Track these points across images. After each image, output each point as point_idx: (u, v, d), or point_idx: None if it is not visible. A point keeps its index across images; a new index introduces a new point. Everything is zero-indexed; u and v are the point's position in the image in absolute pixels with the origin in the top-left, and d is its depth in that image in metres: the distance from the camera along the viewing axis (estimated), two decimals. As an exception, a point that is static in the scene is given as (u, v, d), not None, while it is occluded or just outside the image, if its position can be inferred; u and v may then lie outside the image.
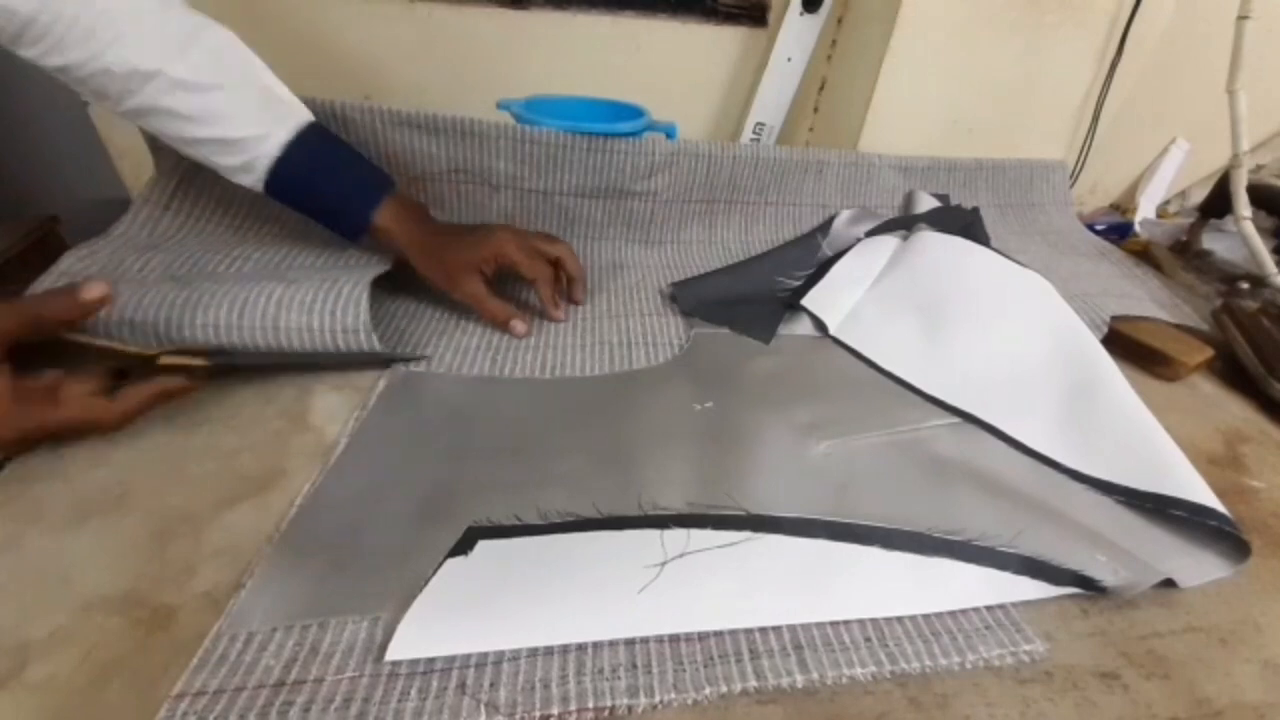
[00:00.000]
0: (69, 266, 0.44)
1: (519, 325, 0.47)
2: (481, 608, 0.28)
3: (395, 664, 0.26)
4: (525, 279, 0.48)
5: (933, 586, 0.32)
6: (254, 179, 0.43)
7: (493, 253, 0.46)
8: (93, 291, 0.34)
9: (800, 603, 0.30)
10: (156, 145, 0.50)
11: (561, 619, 0.28)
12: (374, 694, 0.25)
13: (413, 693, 0.25)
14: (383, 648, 0.26)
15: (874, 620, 0.30)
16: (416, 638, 0.27)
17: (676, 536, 0.33)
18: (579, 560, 0.31)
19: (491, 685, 0.25)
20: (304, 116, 0.44)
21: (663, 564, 0.31)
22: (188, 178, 0.51)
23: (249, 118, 0.42)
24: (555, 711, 0.25)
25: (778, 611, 0.30)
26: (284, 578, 0.29)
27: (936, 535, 0.34)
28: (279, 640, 0.27)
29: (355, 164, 0.46)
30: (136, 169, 0.63)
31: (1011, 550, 0.34)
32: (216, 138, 0.41)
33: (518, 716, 0.25)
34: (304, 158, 0.43)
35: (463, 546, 0.31)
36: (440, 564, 0.30)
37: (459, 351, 0.46)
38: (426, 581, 0.29)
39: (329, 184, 0.45)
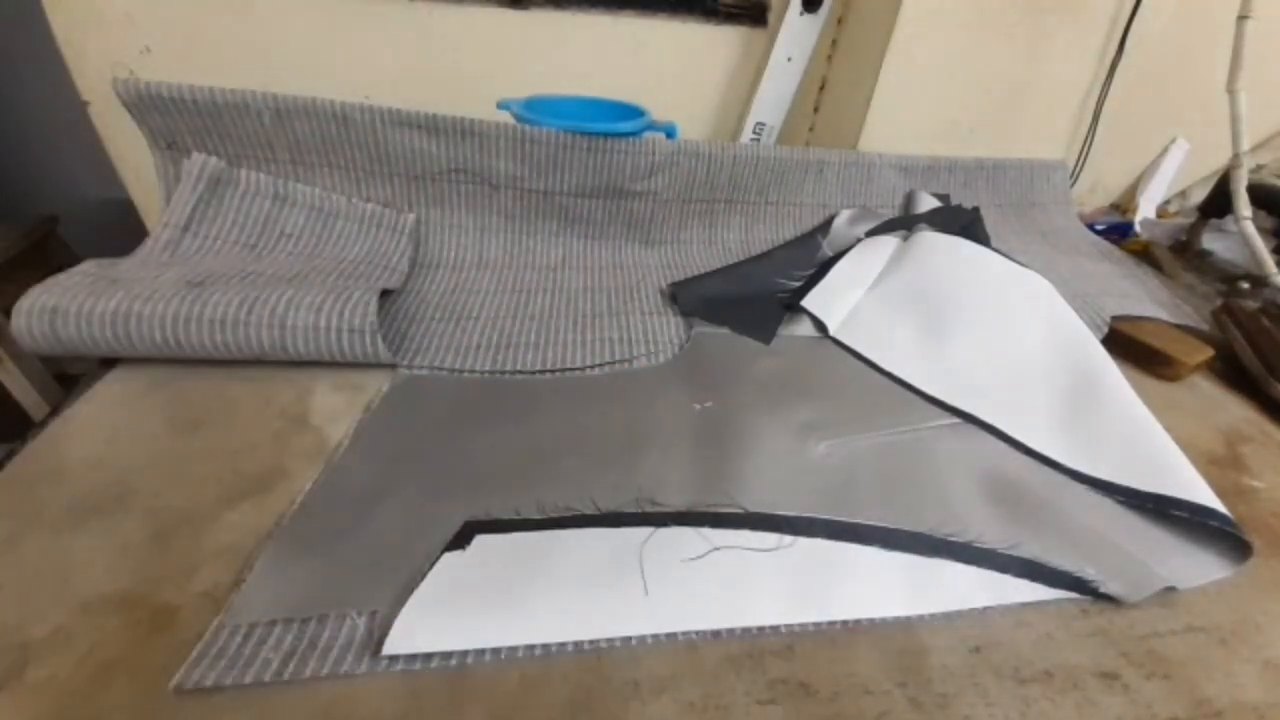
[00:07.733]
0: (88, 269, 0.44)
1: None
2: (477, 602, 0.29)
3: (391, 659, 0.26)
4: None
5: (931, 587, 0.32)
6: None
7: None
8: None
9: (797, 604, 0.30)
10: (160, 152, 0.50)
11: (557, 615, 0.28)
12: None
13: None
14: (380, 643, 0.27)
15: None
16: (413, 633, 0.27)
17: (674, 535, 0.33)
18: (576, 557, 0.31)
19: None
20: None
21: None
22: (204, 199, 0.51)
23: None
24: None
25: (773, 613, 0.30)
26: (285, 571, 0.29)
27: (936, 536, 0.34)
28: (278, 634, 0.27)
29: None
30: (137, 169, 0.63)
31: (1011, 553, 0.34)
32: None
33: None
34: None
35: (460, 541, 0.31)
36: (437, 558, 0.30)
37: (460, 351, 0.46)
38: (423, 576, 0.29)
39: None
